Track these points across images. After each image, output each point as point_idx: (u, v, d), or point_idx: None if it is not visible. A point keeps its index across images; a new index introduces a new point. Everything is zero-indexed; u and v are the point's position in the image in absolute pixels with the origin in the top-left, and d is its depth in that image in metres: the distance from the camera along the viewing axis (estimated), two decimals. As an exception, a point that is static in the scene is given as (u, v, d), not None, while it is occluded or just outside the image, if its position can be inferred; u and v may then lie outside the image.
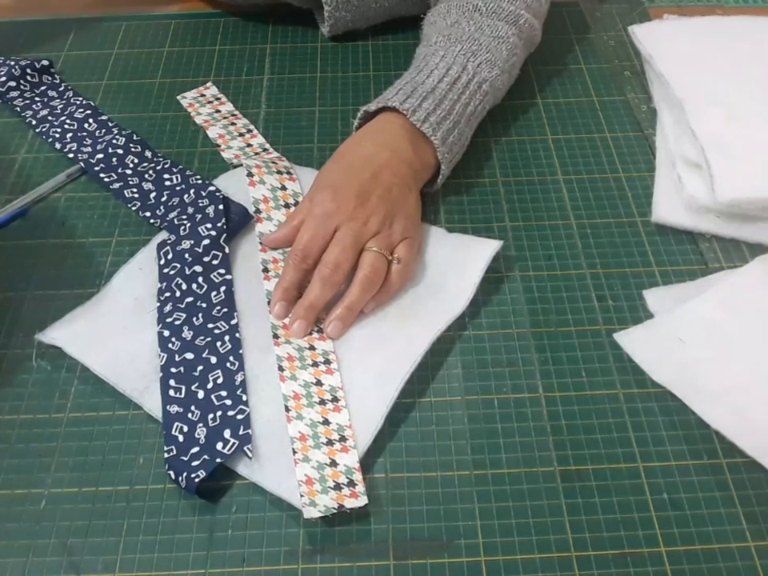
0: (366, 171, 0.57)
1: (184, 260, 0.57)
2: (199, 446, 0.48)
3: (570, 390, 0.52)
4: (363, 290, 0.54)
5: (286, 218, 0.60)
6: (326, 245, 0.55)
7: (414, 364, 0.52)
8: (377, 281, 0.55)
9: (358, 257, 0.55)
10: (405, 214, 0.57)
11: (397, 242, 0.56)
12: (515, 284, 0.58)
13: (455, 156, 0.62)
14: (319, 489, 0.46)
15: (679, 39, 0.72)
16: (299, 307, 0.54)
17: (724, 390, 0.50)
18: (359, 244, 0.55)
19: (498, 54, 0.65)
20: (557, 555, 0.45)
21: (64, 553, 0.46)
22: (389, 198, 0.56)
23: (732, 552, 0.45)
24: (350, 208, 0.55)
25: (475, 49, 0.64)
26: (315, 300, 0.54)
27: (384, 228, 0.56)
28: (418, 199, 0.60)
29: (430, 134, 0.59)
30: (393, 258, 0.55)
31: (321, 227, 0.55)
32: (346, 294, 0.54)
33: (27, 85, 0.73)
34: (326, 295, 0.54)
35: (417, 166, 0.60)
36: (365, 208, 0.55)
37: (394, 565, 0.45)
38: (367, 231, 0.55)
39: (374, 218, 0.55)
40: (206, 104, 0.72)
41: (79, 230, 0.62)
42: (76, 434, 0.51)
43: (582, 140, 0.69)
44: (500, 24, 0.66)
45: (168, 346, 0.53)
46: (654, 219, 0.62)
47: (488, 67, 0.64)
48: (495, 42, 0.65)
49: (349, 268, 0.55)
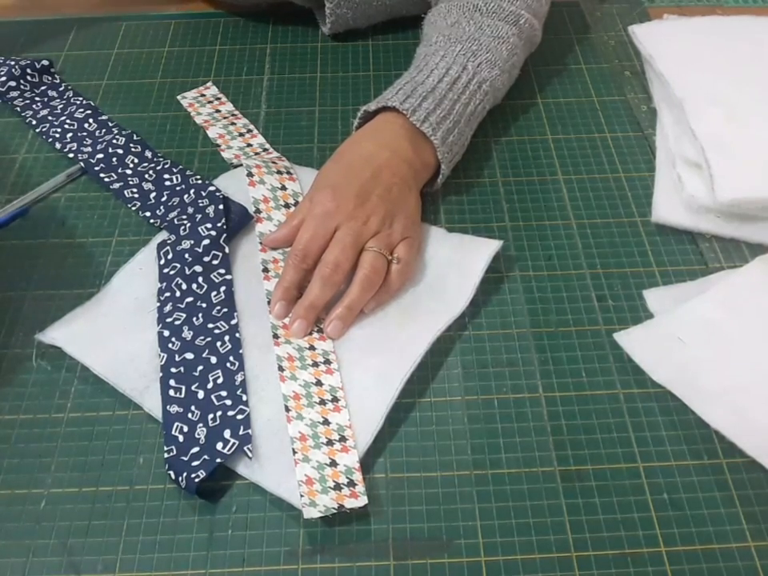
0: (366, 171, 0.57)
1: (184, 260, 0.57)
2: (199, 446, 0.48)
3: (570, 390, 0.52)
4: (363, 289, 0.54)
5: (286, 218, 0.60)
6: (326, 244, 0.55)
7: (414, 364, 0.52)
8: (377, 280, 0.55)
9: (358, 256, 0.55)
10: (405, 213, 0.57)
11: (397, 242, 0.56)
12: (515, 284, 0.58)
13: (455, 156, 0.62)
14: (319, 489, 0.46)
15: (679, 39, 0.72)
16: (299, 307, 0.54)
17: (724, 389, 0.50)
18: (359, 244, 0.55)
19: (498, 54, 0.65)
20: (557, 555, 0.45)
21: (64, 553, 0.46)
22: (389, 198, 0.56)
23: (732, 552, 0.45)
24: (350, 207, 0.55)
25: (475, 49, 0.64)
26: (315, 300, 0.54)
27: (384, 227, 0.56)
28: (418, 199, 0.60)
29: (430, 133, 0.59)
30: (393, 257, 0.55)
31: (321, 227, 0.55)
32: (346, 293, 0.54)
33: (27, 85, 0.73)
34: (326, 295, 0.54)
35: (417, 166, 0.60)
36: (365, 207, 0.55)
37: (394, 565, 0.45)
38: (367, 231, 0.55)
39: (374, 218, 0.55)
40: (206, 104, 0.72)
41: (79, 229, 0.62)
42: (76, 433, 0.51)
43: (582, 140, 0.69)
44: (500, 24, 0.66)
45: (168, 346, 0.53)
46: (654, 219, 0.62)
47: (488, 67, 0.64)
48: (495, 42, 0.65)
49: (349, 267, 0.54)
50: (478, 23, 0.66)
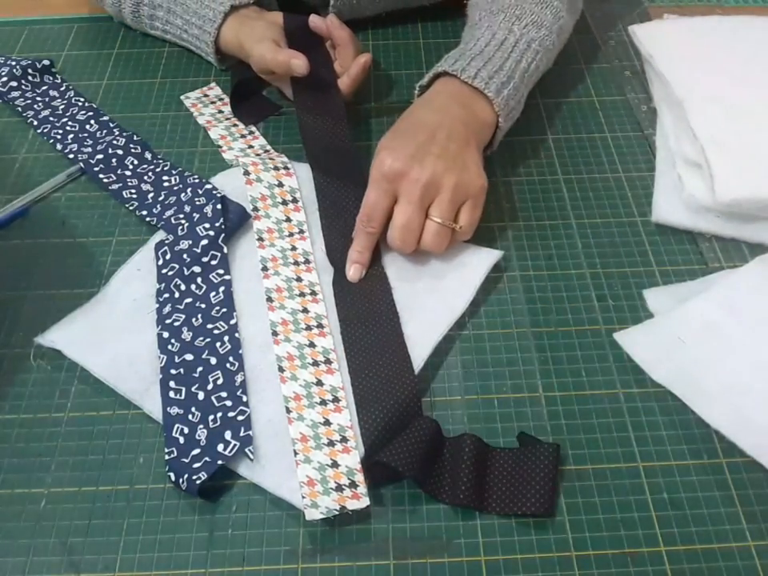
0: (421, 134, 0.57)
1: (182, 260, 0.57)
2: (200, 448, 0.48)
3: (570, 390, 0.52)
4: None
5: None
6: (389, 207, 0.56)
7: (418, 368, 0.52)
8: (439, 251, 0.57)
9: (425, 216, 0.56)
10: (465, 171, 0.57)
11: (459, 203, 0.56)
12: (515, 284, 0.58)
13: (512, 111, 0.62)
14: (321, 490, 0.46)
15: (679, 39, 0.72)
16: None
17: (724, 389, 0.50)
18: (423, 207, 0.55)
19: (543, 16, 0.65)
20: (557, 555, 0.45)
21: (64, 552, 0.46)
22: (446, 156, 0.56)
23: (732, 552, 0.45)
24: (407, 169, 0.55)
25: (519, 13, 0.65)
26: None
27: (443, 189, 0.55)
28: (478, 157, 0.59)
29: (482, 87, 0.59)
30: (456, 225, 0.56)
31: (380, 191, 0.56)
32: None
33: (28, 85, 0.73)
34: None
35: (474, 126, 0.60)
36: (423, 168, 0.55)
37: (394, 564, 0.45)
38: (427, 193, 0.55)
39: (433, 178, 0.55)
40: (209, 104, 0.72)
41: (79, 229, 0.62)
42: (76, 433, 0.51)
43: (582, 140, 0.69)
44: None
45: (167, 348, 0.53)
46: (654, 219, 0.62)
47: (535, 28, 0.64)
48: (539, 6, 0.66)
49: (417, 230, 0.56)
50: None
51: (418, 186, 0.55)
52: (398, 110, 0.63)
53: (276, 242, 0.59)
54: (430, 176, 0.55)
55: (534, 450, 0.48)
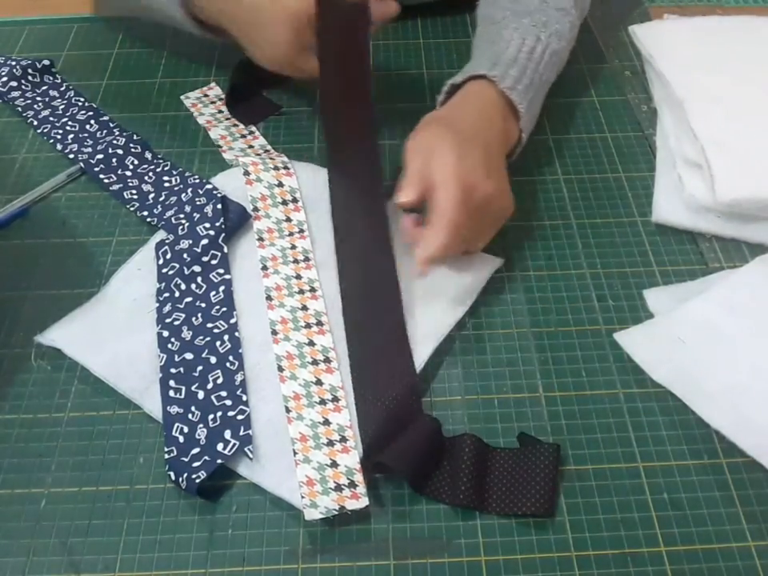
0: (460, 136, 0.55)
1: (182, 260, 0.57)
2: (200, 447, 0.48)
3: (570, 390, 0.52)
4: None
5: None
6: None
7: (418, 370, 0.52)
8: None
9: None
10: (501, 181, 0.56)
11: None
12: (515, 284, 0.58)
13: (532, 126, 0.63)
14: (320, 490, 0.46)
15: (679, 39, 0.72)
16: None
17: (724, 389, 0.50)
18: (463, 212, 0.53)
19: (563, 27, 0.65)
20: (557, 555, 0.45)
21: (64, 552, 0.46)
22: (487, 164, 0.55)
23: (732, 552, 0.45)
24: (450, 171, 0.53)
25: (545, 20, 0.65)
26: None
27: (486, 220, 0.56)
28: (505, 169, 0.58)
29: (518, 101, 0.59)
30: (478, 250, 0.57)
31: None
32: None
33: (29, 85, 0.73)
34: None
35: (504, 136, 0.59)
36: (466, 170, 0.53)
37: (394, 564, 0.45)
38: (470, 199, 0.53)
39: (488, 205, 0.54)
40: (209, 104, 0.72)
41: (79, 229, 0.62)
42: (76, 433, 0.51)
43: (582, 140, 0.69)
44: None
45: (167, 347, 0.53)
46: (654, 219, 0.62)
47: (556, 39, 0.64)
48: (560, 13, 0.66)
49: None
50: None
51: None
52: (399, 110, 0.62)
53: (276, 241, 0.59)
54: (487, 203, 0.54)
55: (534, 450, 0.48)
